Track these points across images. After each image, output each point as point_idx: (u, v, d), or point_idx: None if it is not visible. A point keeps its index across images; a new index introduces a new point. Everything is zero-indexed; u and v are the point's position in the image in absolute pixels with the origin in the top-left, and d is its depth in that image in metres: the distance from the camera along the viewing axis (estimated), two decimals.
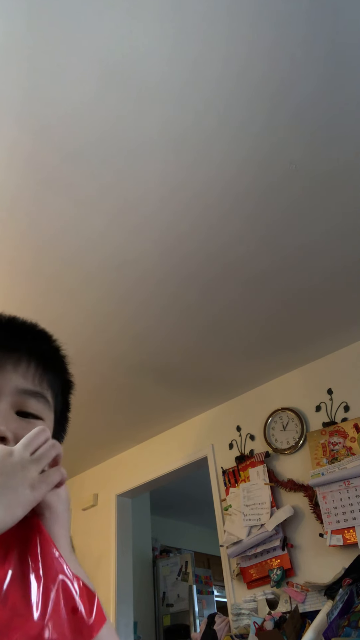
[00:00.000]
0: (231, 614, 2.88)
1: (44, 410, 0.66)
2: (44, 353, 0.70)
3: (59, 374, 0.73)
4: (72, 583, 0.48)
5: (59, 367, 0.74)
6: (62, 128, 1.80)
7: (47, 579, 0.47)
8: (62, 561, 0.49)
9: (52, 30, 1.53)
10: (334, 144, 1.92)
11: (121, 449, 4.11)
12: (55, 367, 0.72)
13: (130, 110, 1.76)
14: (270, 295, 2.66)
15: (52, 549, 0.49)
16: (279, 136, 1.88)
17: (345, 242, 2.36)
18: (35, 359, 0.68)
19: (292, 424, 3.13)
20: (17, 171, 1.93)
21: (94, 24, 1.52)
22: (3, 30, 1.52)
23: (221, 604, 4.94)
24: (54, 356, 0.73)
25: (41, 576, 0.47)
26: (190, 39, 1.57)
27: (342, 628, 2.16)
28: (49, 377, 0.69)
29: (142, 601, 4.63)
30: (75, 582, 0.49)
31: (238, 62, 1.64)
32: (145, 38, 1.56)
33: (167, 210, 2.14)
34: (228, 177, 2.02)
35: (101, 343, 2.90)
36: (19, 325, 0.72)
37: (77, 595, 0.48)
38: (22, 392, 0.64)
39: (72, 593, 0.48)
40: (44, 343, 0.73)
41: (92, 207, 2.11)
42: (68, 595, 0.47)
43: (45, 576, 0.47)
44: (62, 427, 0.75)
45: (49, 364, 0.70)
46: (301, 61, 1.64)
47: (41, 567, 0.47)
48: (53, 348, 0.74)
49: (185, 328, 2.84)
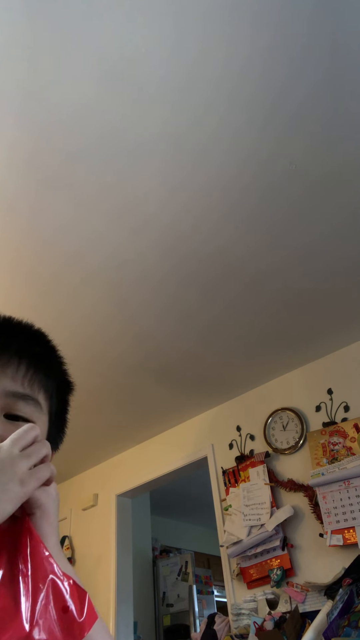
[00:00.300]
0: (231, 614, 2.88)
1: (34, 413, 0.64)
2: (36, 354, 0.68)
3: (53, 375, 0.71)
4: (62, 582, 0.48)
5: (54, 368, 0.72)
6: (62, 128, 1.80)
7: (36, 578, 0.47)
8: (52, 560, 0.49)
9: (53, 31, 1.53)
10: (335, 144, 1.92)
11: (121, 449, 4.11)
12: (48, 369, 0.70)
13: (130, 110, 1.76)
14: (270, 296, 2.66)
15: (41, 548, 0.49)
16: (279, 136, 1.88)
17: (345, 243, 2.36)
18: (26, 360, 0.66)
19: (292, 424, 3.13)
20: (17, 171, 1.93)
21: (94, 24, 1.52)
22: (3, 30, 1.52)
23: (221, 604, 4.95)
24: (47, 357, 0.71)
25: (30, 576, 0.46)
26: (191, 39, 1.57)
27: (342, 628, 2.16)
28: (41, 379, 0.67)
29: (142, 601, 4.63)
30: (65, 581, 0.48)
31: (238, 62, 1.64)
32: (145, 38, 1.56)
33: (167, 211, 2.14)
34: (228, 177, 2.02)
35: (101, 343, 2.90)
36: (13, 325, 0.70)
37: (68, 594, 0.48)
38: (10, 394, 0.62)
39: (62, 592, 0.47)
40: (37, 344, 0.71)
41: (92, 207, 2.11)
42: (58, 594, 0.47)
43: (35, 575, 0.47)
44: (59, 428, 0.74)
45: (41, 366, 0.68)
46: (301, 61, 1.64)
47: (30, 566, 0.47)
48: (47, 349, 0.72)
49: (185, 328, 2.84)
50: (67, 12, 1.48)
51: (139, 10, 1.49)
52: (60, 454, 0.73)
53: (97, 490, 4.18)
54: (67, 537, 4.20)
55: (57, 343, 0.75)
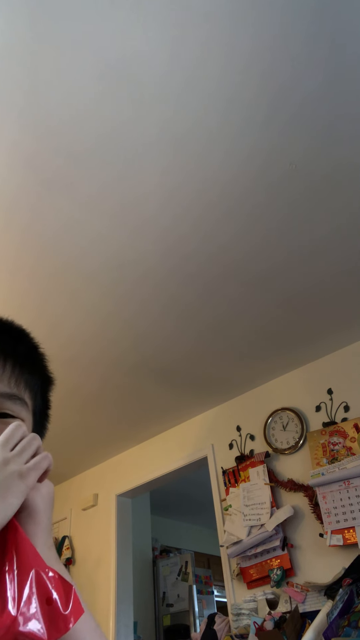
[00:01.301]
0: (231, 614, 2.88)
1: (22, 411, 0.65)
2: (20, 353, 0.68)
3: (37, 373, 0.71)
4: (47, 574, 0.48)
5: (37, 366, 0.72)
6: (63, 128, 1.80)
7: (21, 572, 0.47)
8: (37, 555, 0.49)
9: (53, 31, 1.53)
10: (335, 144, 1.92)
11: (121, 449, 4.11)
12: (32, 367, 0.70)
13: (130, 110, 1.76)
14: (271, 296, 2.66)
15: (27, 544, 0.49)
16: (280, 137, 1.88)
17: (345, 243, 2.36)
18: (11, 360, 0.66)
19: (292, 424, 3.13)
20: (18, 171, 1.93)
21: (94, 24, 1.52)
22: (4, 31, 1.53)
23: (221, 604, 4.94)
24: (30, 356, 0.71)
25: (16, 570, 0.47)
26: (191, 39, 1.57)
27: (342, 628, 2.16)
28: (26, 378, 0.67)
29: (142, 601, 4.64)
30: (50, 573, 0.48)
31: (239, 63, 1.64)
32: (146, 38, 1.56)
33: (167, 211, 2.14)
34: (228, 177, 2.02)
35: (101, 343, 2.90)
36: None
37: (52, 587, 0.47)
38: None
39: (47, 584, 0.47)
40: (20, 343, 0.71)
41: (93, 208, 2.11)
42: (42, 586, 0.47)
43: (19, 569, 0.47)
44: (43, 425, 0.74)
45: (25, 365, 0.68)
46: (302, 61, 1.64)
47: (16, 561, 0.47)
48: (29, 347, 0.72)
49: (185, 328, 2.84)
50: (68, 12, 1.49)
51: (139, 11, 1.49)
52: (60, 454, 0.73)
53: (97, 490, 4.18)
54: (67, 537, 4.20)
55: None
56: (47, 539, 0.54)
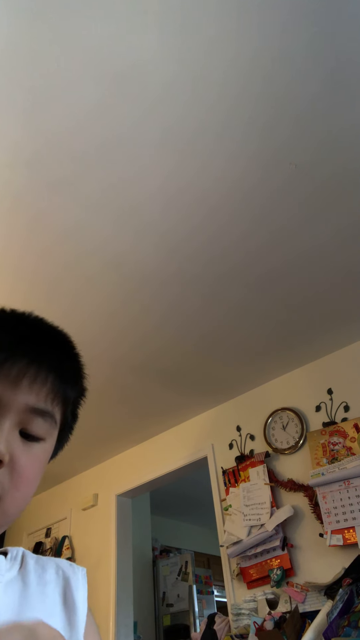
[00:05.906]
0: (231, 614, 2.88)
1: (49, 430, 0.61)
2: (65, 369, 0.63)
3: (76, 389, 0.66)
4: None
5: (78, 381, 0.67)
6: (66, 130, 1.80)
7: None
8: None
9: (57, 34, 1.53)
10: (339, 147, 1.92)
11: (121, 448, 4.11)
12: (73, 383, 0.65)
13: (134, 112, 1.76)
14: (272, 297, 2.66)
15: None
16: (284, 139, 1.88)
17: (346, 245, 2.36)
18: (54, 375, 0.61)
19: (292, 424, 3.13)
20: (21, 173, 1.94)
21: (97, 25, 1.52)
22: (8, 34, 1.53)
23: (221, 604, 4.95)
24: (74, 372, 0.66)
25: None
26: (194, 42, 1.57)
27: (342, 628, 2.16)
28: (63, 392, 0.63)
29: (142, 601, 4.64)
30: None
31: (242, 66, 1.64)
32: (149, 39, 1.56)
33: (170, 213, 2.15)
34: (232, 180, 2.02)
35: (103, 344, 2.90)
36: (46, 331, 0.66)
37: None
38: (31, 410, 0.58)
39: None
40: (66, 357, 0.65)
41: (96, 210, 2.11)
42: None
43: None
44: (65, 438, 0.70)
45: (69, 381, 0.63)
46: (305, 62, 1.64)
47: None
48: (74, 362, 0.67)
49: (186, 329, 2.84)
50: (69, 12, 1.49)
51: (142, 14, 1.50)
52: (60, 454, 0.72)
53: (97, 490, 4.19)
54: (67, 537, 4.20)
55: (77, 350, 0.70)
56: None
